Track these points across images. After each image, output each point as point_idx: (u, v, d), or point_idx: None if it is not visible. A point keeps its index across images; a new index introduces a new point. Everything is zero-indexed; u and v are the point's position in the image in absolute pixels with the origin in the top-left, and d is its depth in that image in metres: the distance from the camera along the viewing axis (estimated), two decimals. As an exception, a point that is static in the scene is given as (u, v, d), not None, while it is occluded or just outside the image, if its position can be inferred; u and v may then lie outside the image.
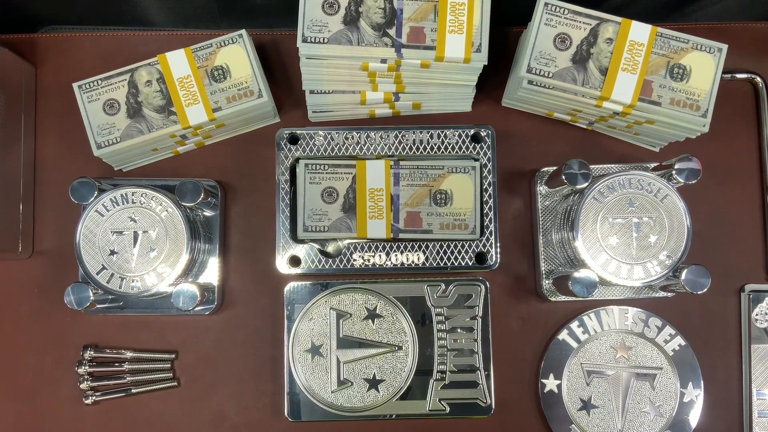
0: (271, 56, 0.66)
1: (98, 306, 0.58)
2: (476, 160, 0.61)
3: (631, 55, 0.56)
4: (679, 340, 0.62)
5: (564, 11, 0.57)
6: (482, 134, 0.61)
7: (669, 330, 0.62)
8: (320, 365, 0.60)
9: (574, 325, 0.62)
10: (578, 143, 0.65)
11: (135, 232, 0.56)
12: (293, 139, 0.61)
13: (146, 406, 0.62)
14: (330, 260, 0.60)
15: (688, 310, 0.63)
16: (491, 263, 0.60)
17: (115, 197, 0.57)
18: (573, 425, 0.61)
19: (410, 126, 0.62)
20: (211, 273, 0.62)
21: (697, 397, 0.61)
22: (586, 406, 0.61)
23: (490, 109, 0.65)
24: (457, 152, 0.61)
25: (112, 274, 0.56)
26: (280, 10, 0.67)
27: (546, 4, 0.56)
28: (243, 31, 0.59)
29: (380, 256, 0.60)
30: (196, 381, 0.62)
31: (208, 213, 0.62)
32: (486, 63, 0.56)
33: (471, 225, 0.60)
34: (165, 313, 0.62)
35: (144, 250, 0.56)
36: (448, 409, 0.61)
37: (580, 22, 0.57)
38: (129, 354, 0.62)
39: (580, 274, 0.55)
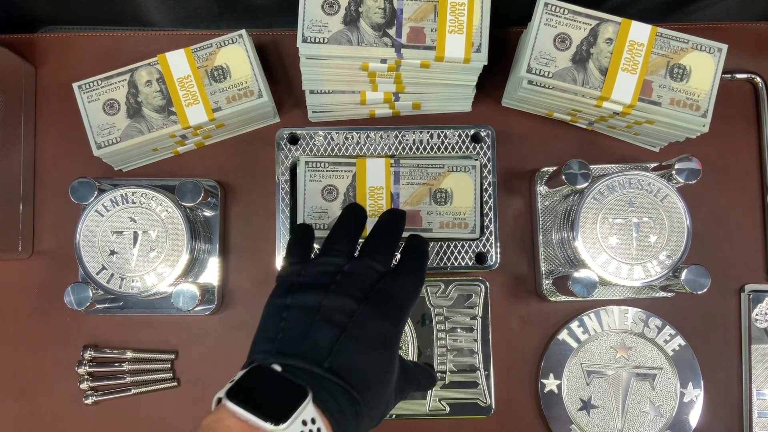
0: (271, 56, 0.66)
1: (98, 306, 0.58)
2: (476, 160, 0.61)
3: (631, 55, 0.56)
4: (679, 340, 0.62)
5: (564, 11, 0.57)
6: (482, 134, 0.61)
7: (669, 330, 0.62)
8: (320, 365, 0.60)
9: (574, 325, 0.62)
10: (578, 143, 0.65)
11: (135, 232, 0.56)
12: (293, 139, 0.61)
13: (146, 406, 0.62)
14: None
15: (688, 310, 0.63)
16: (491, 263, 0.60)
17: (115, 197, 0.57)
18: (573, 425, 0.61)
19: (410, 126, 0.62)
20: (211, 273, 0.62)
21: (697, 397, 0.61)
22: (586, 406, 0.61)
23: (490, 109, 0.65)
24: (457, 152, 0.61)
25: (112, 274, 0.56)
26: (280, 10, 0.67)
27: (546, 4, 0.56)
28: (243, 31, 0.59)
29: (380, 256, 0.60)
30: (196, 381, 0.62)
31: (208, 213, 0.62)
32: (486, 63, 0.56)
33: (471, 224, 0.60)
34: (165, 313, 0.62)
35: (144, 250, 0.56)
36: (448, 409, 0.61)
37: (580, 22, 0.57)
38: (129, 354, 0.62)
39: (580, 274, 0.55)
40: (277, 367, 0.39)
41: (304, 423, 0.36)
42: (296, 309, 0.43)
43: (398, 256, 0.53)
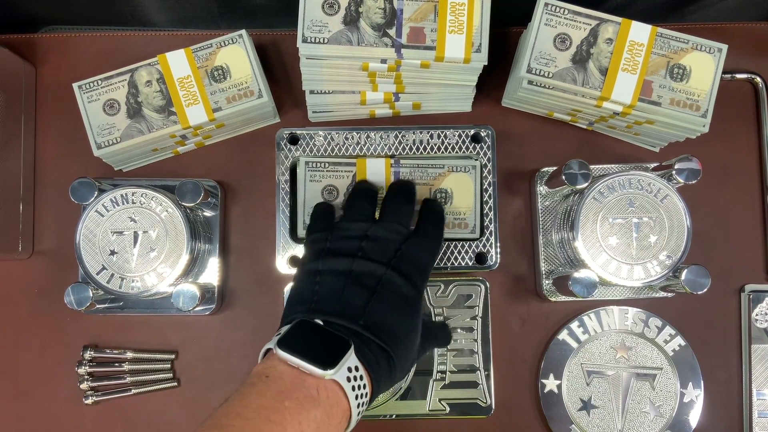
0: (271, 56, 0.66)
1: (98, 306, 0.58)
2: (476, 160, 0.61)
3: (631, 56, 0.56)
4: (679, 340, 0.62)
5: (564, 11, 0.57)
6: (482, 134, 0.61)
7: (669, 330, 0.62)
8: (320, 365, 0.60)
9: (574, 325, 0.62)
10: (578, 143, 0.65)
11: (135, 233, 0.56)
12: (293, 140, 0.61)
13: (146, 406, 0.62)
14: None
15: (688, 310, 0.63)
16: (491, 263, 0.60)
17: (115, 197, 0.57)
18: (573, 425, 0.61)
19: (410, 126, 0.62)
20: (211, 273, 0.62)
21: (697, 397, 0.61)
22: (586, 406, 0.61)
23: (490, 109, 0.65)
24: (457, 152, 0.61)
25: (112, 275, 0.56)
26: (280, 10, 0.67)
27: (546, 5, 0.56)
28: (243, 31, 0.59)
29: (380, 256, 0.60)
30: (196, 381, 0.62)
31: (208, 213, 0.62)
32: (486, 63, 0.56)
33: (471, 224, 0.60)
34: (165, 313, 0.62)
35: (144, 251, 0.56)
36: (448, 409, 0.61)
37: (580, 22, 0.57)
38: (129, 354, 0.62)
39: (580, 274, 0.55)
40: (319, 322, 0.42)
41: (349, 370, 0.40)
42: (328, 274, 0.47)
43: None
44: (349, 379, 0.40)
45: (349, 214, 0.52)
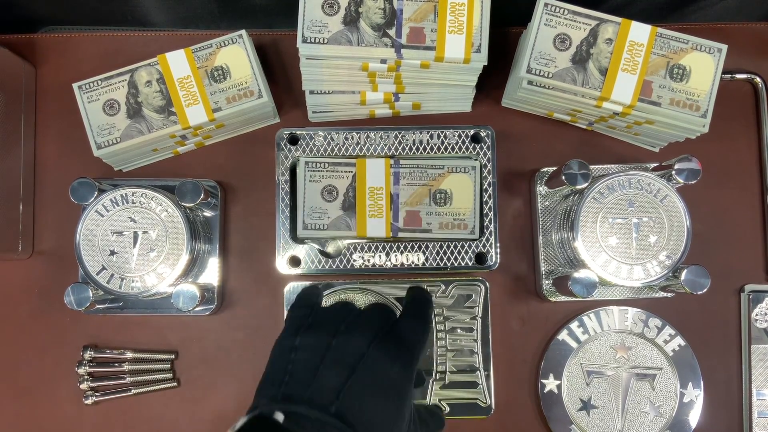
0: (271, 56, 0.66)
1: (98, 306, 0.58)
2: (476, 160, 0.61)
3: (630, 56, 0.56)
4: (679, 341, 0.62)
5: (564, 12, 0.57)
6: (482, 134, 0.61)
7: (669, 330, 0.62)
8: (320, 365, 0.60)
9: (574, 325, 0.62)
10: (578, 143, 0.65)
11: (135, 233, 0.56)
12: (293, 140, 0.61)
13: (146, 406, 0.62)
14: (330, 261, 0.60)
15: (688, 310, 0.63)
16: (491, 263, 0.60)
17: (115, 197, 0.57)
18: (573, 425, 0.61)
19: (410, 126, 0.62)
20: (211, 273, 0.62)
21: (697, 397, 0.61)
22: (586, 406, 0.61)
23: (490, 109, 0.65)
24: (456, 152, 0.61)
25: (112, 275, 0.56)
26: (280, 10, 0.67)
27: (546, 5, 0.56)
28: (243, 32, 0.59)
29: (380, 256, 0.60)
30: (196, 381, 0.62)
31: (208, 213, 0.62)
32: (486, 63, 0.56)
33: (470, 225, 0.60)
34: (165, 313, 0.62)
35: (144, 251, 0.56)
36: (448, 409, 0.61)
37: (579, 22, 0.57)
38: (129, 354, 0.62)
39: (580, 274, 0.55)
40: (280, 416, 0.37)
41: None
42: (304, 350, 0.42)
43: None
44: None
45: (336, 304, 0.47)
